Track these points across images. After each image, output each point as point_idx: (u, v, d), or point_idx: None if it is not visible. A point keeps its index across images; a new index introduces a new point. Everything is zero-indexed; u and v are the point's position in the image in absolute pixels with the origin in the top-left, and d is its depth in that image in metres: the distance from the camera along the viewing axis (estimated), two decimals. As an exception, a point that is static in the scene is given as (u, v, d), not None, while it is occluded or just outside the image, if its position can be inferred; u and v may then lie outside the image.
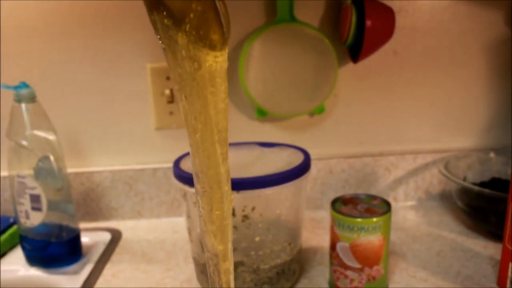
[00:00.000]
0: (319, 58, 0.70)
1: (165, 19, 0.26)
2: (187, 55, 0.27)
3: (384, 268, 0.51)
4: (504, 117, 0.78)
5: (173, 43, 0.27)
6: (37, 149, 0.58)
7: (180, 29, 0.26)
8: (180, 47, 0.27)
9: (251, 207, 0.49)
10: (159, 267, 0.62)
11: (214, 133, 0.30)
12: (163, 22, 0.26)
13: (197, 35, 0.27)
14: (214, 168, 0.32)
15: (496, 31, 0.73)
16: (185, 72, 0.27)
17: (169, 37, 0.27)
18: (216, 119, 0.30)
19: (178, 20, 0.26)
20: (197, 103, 0.28)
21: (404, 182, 0.78)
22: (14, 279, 0.60)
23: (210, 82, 0.28)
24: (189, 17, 0.27)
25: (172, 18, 0.26)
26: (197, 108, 0.29)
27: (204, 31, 0.28)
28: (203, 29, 0.28)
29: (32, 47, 0.71)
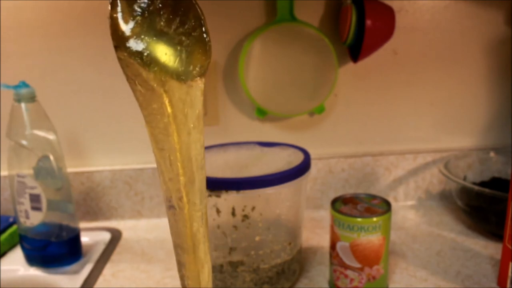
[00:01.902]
0: (319, 58, 0.70)
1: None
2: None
3: (384, 268, 0.51)
4: (504, 117, 0.78)
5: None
6: (37, 149, 0.58)
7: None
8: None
9: (251, 207, 0.49)
10: (159, 266, 0.62)
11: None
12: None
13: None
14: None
15: (496, 31, 0.73)
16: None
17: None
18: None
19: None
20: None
21: (404, 182, 0.78)
22: (13, 279, 0.60)
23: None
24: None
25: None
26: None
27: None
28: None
29: (32, 47, 0.71)
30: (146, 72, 0.27)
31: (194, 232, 0.30)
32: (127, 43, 0.26)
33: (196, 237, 0.31)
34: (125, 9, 0.26)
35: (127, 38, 0.26)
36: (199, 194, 0.29)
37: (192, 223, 0.30)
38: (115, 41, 0.26)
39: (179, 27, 0.27)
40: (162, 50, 0.27)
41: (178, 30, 0.27)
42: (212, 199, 0.48)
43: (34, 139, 0.57)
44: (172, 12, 0.27)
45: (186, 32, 0.27)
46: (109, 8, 0.26)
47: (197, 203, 0.30)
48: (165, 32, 0.27)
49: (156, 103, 0.27)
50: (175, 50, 0.27)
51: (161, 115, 0.27)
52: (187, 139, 0.28)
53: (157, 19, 0.26)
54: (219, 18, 0.71)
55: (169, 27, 0.27)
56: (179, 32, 0.27)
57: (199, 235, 0.31)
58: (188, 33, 0.27)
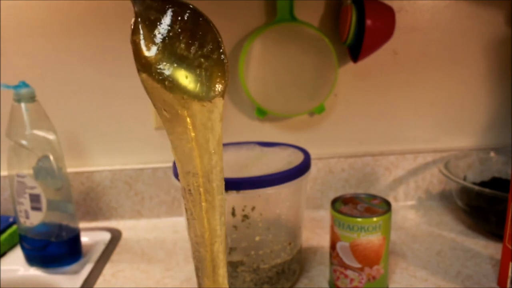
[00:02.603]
0: (319, 58, 0.70)
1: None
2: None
3: (384, 268, 0.51)
4: (504, 117, 0.78)
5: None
6: (37, 149, 0.57)
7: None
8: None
9: (251, 206, 0.49)
10: (159, 266, 0.62)
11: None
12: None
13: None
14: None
15: (496, 31, 0.73)
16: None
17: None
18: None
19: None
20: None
21: (404, 182, 0.78)
22: (13, 279, 0.60)
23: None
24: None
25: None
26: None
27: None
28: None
29: (32, 47, 0.71)
30: (169, 96, 0.27)
31: (214, 252, 0.32)
32: (150, 68, 0.27)
33: (216, 256, 0.32)
34: (147, 35, 0.27)
35: (150, 63, 0.27)
36: (218, 217, 0.31)
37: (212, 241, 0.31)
38: (139, 65, 0.27)
39: (198, 51, 0.28)
40: (183, 73, 0.27)
41: (197, 53, 0.28)
42: (212, 199, 0.48)
43: (34, 139, 0.57)
44: (191, 36, 0.28)
45: (205, 54, 0.28)
46: (131, 34, 0.26)
47: (217, 229, 0.31)
48: (185, 56, 0.27)
49: (180, 127, 0.28)
50: (195, 73, 0.28)
51: (186, 140, 0.29)
52: (208, 164, 0.29)
53: (177, 43, 0.27)
54: (219, 18, 0.70)
55: (188, 51, 0.28)
56: (198, 55, 0.28)
57: (219, 254, 0.32)
58: (207, 56, 0.28)
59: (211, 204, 0.30)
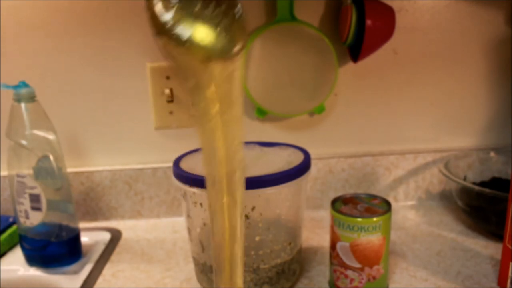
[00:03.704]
0: (319, 58, 0.70)
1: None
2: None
3: (384, 268, 0.51)
4: (505, 117, 0.78)
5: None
6: (36, 149, 0.57)
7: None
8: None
9: (251, 206, 0.49)
10: (159, 266, 0.62)
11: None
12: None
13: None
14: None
15: (496, 31, 0.73)
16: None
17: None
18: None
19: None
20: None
21: (404, 182, 0.78)
22: (13, 279, 0.60)
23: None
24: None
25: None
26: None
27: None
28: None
29: (32, 47, 0.71)
30: (190, 58, 0.27)
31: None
32: (168, 31, 0.26)
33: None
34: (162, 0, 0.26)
35: (169, 26, 0.26)
36: (239, 216, 0.31)
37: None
38: (156, 30, 0.26)
39: (215, 9, 0.27)
40: (201, 32, 0.27)
41: (215, 11, 0.27)
42: (212, 199, 0.48)
43: (34, 139, 0.57)
44: None
45: (222, 12, 0.28)
46: (146, 1, 0.26)
47: (237, 228, 0.32)
48: (202, 15, 0.27)
49: (203, 93, 0.28)
50: (214, 31, 0.27)
51: (209, 113, 0.29)
52: (231, 144, 0.30)
53: (193, 3, 0.27)
54: (219, 18, 0.70)
55: (205, 10, 0.27)
56: (216, 14, 0.28)
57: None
58: (224, 13, 0.28)
59: (233, 198, 0.30)
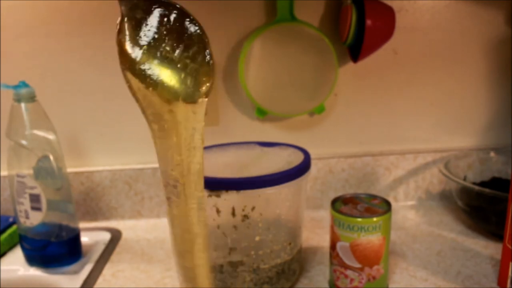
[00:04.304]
0: (319, 58, 0.70)
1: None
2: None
3: (384, 268, 0.51)
4: (504, 117, 0.78)
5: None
6: (36, 149, 0.57)
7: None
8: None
9: (251, 206, 0.49)
10: (159, 266, 0.62)
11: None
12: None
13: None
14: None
15: (496, 31, 0.73)
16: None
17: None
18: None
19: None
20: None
21: (404, 182, 0.78)
22: (13, 279, 0.60)
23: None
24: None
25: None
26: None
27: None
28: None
29: (32, 47, 0.71)
30: (153, 96, 0.28)
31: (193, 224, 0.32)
32: (135, 68, 0.27)
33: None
34: (132, 35, 0.27)
35: (135, 63, 0.27)
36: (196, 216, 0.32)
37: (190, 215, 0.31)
38: (123, 64, 0.27)
39: (183, 52, 0.28)
40: (168, 74, 0.27)
41: (183, 55, 0.28)
42: (212, 199, 0.48)
43: (34, 139, 0.57)
44: (177, 38, 0.27)
45: (191, 56, 0.28)
46: (117, 33, 0.26)
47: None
48: (170, 57, 0.27)
49: (163, 128, 0.29)
50: (180, 74, 0.28)
51: (168, 140, 0.29)
52: (188, 158, 0.30)
53: (162, 45, 0.27)
54: (219, 18, 0.70)
55: (174, 53, 0.28)
56: (184, 57, 0.28)
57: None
58: (192, 57, 0.28)
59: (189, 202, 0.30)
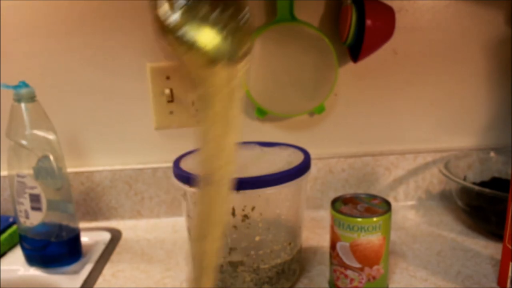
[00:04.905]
0: (319, 58, 0.70)
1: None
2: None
3: (384, 268, 0.51)
4: (505, 117, 0.78)
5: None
6: (36, 149, 0.57)
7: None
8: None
9: (251, 206, 0.49)
10: (159, 266, 0.62)
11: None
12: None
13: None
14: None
15: (496, 31, 0.73)
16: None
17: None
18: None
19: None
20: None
21: (404, 182, 0.78)
22: (13, 279, 0.60)
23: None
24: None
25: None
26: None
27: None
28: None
29: (32, 47, 0.71)
30: (195, 59, 0.26)
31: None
32: (175, 33, 0.26)
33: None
34: (167, 0, 0.26)
35: (174, 28, 0.26)
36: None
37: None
38: (161, 29, 0.26)
39: (221, 13, 0.27)
40: (207, 36, 0.26)
41: (221, 16, 0.27)
42: (212, 199, 0.48)
43: (34, 139, 0.57)
44: (213, 0, 0.26)
45: (229, 17, 0.27)
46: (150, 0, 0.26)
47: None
48: (208, 19, 0.26)
49: (205, 94, 0.28)
50: (219, 36, 0.27)
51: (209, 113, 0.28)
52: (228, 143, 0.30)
53: (199, 7, 0.26)
54: (219, 18, 0.70)
55: (211, 14, 0.27)
56: (222, 18, 0.27)
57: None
58: (230, 18, 0.27)
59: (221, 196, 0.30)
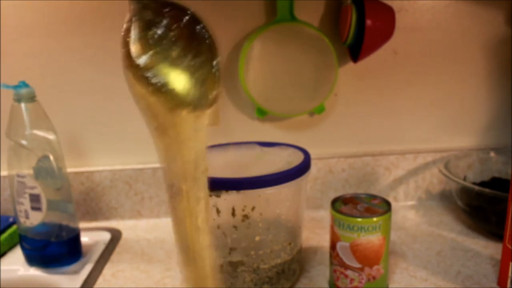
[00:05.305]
0: (319, 58, 0.70)
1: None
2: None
3: (384, 268, 0.51)
4: (505, 117, 0.78)
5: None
6: (36, 149, 0.57)
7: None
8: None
9: (251, 206, 0.49)
10: (159, 266, 0.62)
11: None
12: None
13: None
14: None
15: (496, 31, 0.73)
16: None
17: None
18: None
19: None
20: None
21: (404, 182, 0.78)
22: (13, 279, 0.60)
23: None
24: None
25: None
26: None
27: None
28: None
29: (32, 47, 0.71)
30: (156, 102, 0.26)
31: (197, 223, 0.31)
32: (140, 73, 0.25)
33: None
34: (139, 38, 0.25)
35: (141, 68, 0.25)
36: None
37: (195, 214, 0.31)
38: (127, 68, 0.25)
39: (192, 60, 0.26)
40: (177, 80, 0.26)
41: (191, 63, 0.26)
42: (212, 199, 0.48)
43: (34, 139, 0.57)
44: (186, 44, 0.26)
45: (199, 65, 0.27)
46: (122, 32, 0.25)
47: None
48: (177, 64, 0.26)
49: (165, 135, 0.27)
50: (186, 81, 0.26)
51: (171, 146, 0.28)
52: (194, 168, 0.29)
53: (170, 50, 0.25)
54: (219, 18, 0.70)
55: (182, 60, 0.26)
56: (192, 65, 0.26)
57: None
58: (200, 66, 0.27)
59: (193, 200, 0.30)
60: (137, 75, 0.25)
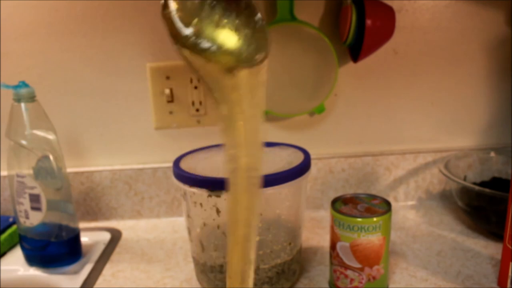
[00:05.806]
0: (319, 58, 0.70)
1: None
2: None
3: (384, 268, 0.51)
4: (505, 116, 0.78)
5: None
6: (36, 149, 0.57)
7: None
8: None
9: (251, 206, 0.49)
10: (158, 266, 0.62)
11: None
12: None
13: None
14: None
15: (496, 31, 0.73)
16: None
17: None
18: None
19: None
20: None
21: (404, 182, 0.78)
22: (13, 279, 0.60)
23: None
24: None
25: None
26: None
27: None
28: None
29: (32, 47, 0.71)
30: (213, 67, 0.26)
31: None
32: (191, 42, 0.25)
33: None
34: (180, 8, 0.25)
35: (190, 38, 0.25)
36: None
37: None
38: (176, 41, 0.25)
39: (235, 19, 0.27)
40: (226, 41, 0.26)
41: (235, 22, 0.27)
42: (212, 199, 0.48)
43: (34, 139, 0.57)
44: (225, 6, 0.26)
45: (243, 22, 0.27)
46: (161, 8, 0.25)
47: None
48: (222, 26, 0.26)
49: (228, 97, 0.28)
50: (238, 39, 0.27)
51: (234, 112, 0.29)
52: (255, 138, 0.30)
53: (212, 14, 0.26)
54: (219, 18, 0.70)
55: (225, 21, 0.26)
56: (236, 24, 0.27)
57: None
58: (245, 23, 0.27)
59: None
60: (188, 46, 0.26)
